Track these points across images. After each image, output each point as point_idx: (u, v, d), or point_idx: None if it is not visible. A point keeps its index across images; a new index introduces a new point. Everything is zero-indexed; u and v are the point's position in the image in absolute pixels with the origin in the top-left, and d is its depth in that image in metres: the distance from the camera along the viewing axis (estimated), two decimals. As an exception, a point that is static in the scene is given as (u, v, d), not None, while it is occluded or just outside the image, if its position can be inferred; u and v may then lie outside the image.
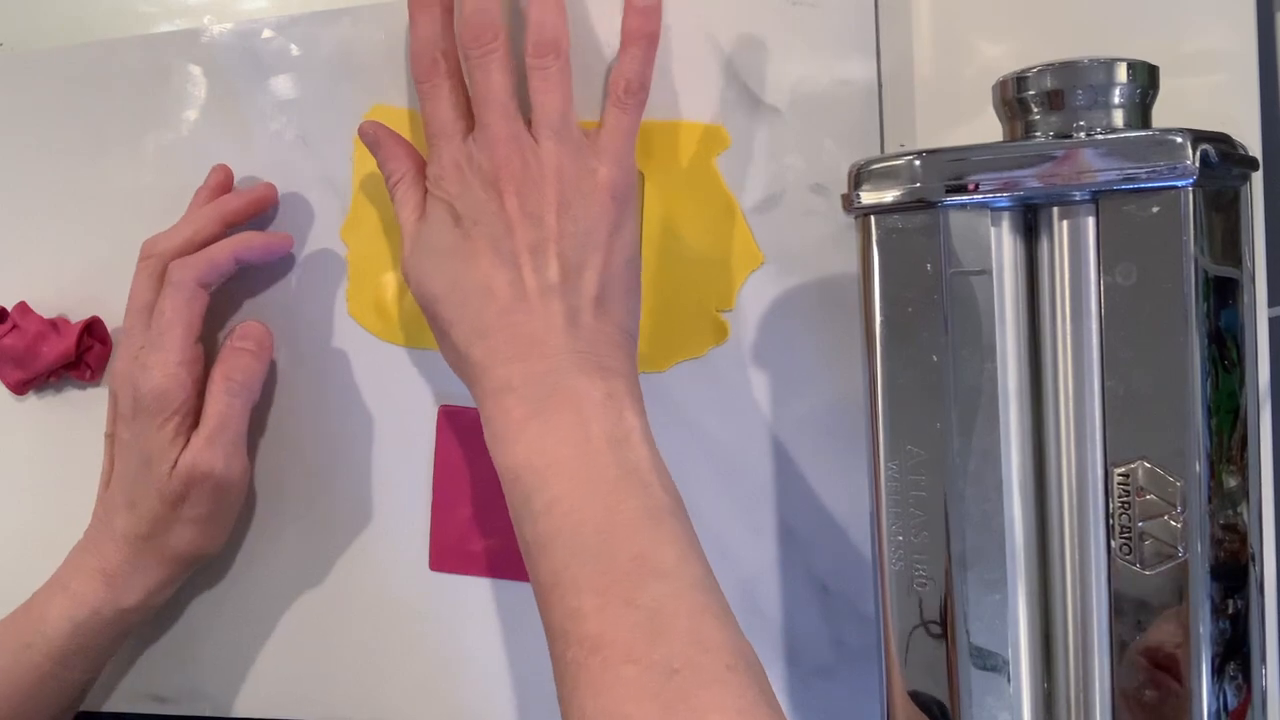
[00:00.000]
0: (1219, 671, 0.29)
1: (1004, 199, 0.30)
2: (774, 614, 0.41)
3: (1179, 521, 0.28)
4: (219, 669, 0.47)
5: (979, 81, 0.35)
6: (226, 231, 0.44)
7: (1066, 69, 0.30)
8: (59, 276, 0.49)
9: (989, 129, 0.34)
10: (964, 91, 0.40)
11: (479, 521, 0.44)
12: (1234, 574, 0.29)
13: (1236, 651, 0.29)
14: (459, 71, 0.39)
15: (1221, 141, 0.28)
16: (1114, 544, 0.29)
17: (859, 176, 0.31)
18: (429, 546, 0.45)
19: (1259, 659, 0.29)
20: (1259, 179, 0.35)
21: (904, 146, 0.41)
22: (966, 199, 0.30)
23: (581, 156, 0.37)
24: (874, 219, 0.31)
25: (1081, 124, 0.30)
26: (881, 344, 0.31)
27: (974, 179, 0.30)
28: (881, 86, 0.40)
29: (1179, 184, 0.28)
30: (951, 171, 0.30)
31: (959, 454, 0.30)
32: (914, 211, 0.31)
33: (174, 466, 0.41)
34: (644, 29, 0.39)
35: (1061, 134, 0.31)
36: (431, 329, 0.39)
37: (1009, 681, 0.31)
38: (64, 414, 0.49)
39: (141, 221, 0.46)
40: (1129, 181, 0.28)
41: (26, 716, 0.41)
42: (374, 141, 0.41)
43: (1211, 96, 0.38)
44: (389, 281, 0.45)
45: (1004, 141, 0.32)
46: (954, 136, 0.40)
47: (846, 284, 0.40)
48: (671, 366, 0.42)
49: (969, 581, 0.30)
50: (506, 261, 0.36)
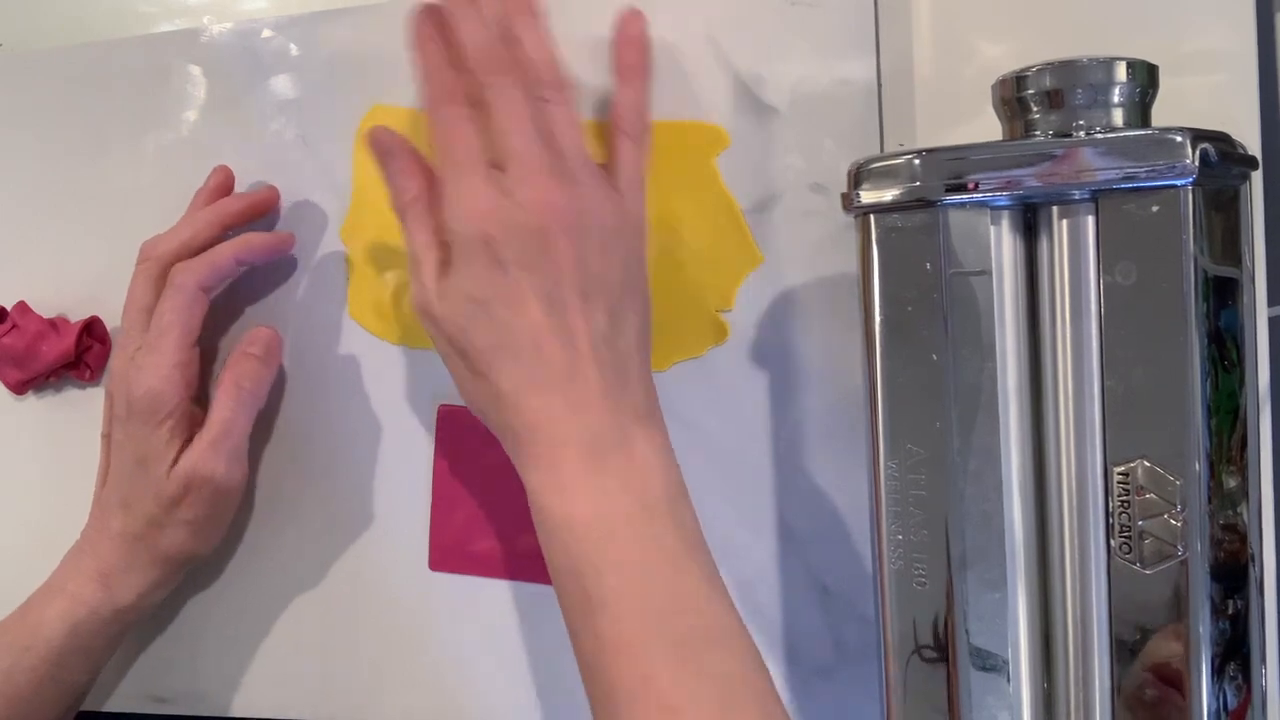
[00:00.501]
0: (1219, 671, 0.28)
1: (1004, 198, 0.30)
2: (774, 614, 0.41)
3: (1179, 520, 0.28)
4: (219, 669, 0.47)
5: (979, 81, 0.35)
6: (226, 234, 0.44)
7: (1066, 68, 0.30)
8: (59, 276, 0.49)
9: (989, 129, 0.34)
10: (964, 91, 0.40)
11: (479, 521, 0.44)
12: (1234, 574, 0.29)
13: (1236, 651, 0.29)
14: (475, 100, 0.37)
15: (1221, 141, 0.28)
16: (1114, 543, 0.29)
17: (859, 176, 0.31)
18: (429, 546, 0.45)
19: (1259, 659, 0.29)
20: (1259, 178, 0.35)
21: (903, 146, 0.41)
22: (966, 198, 0.30)
23: (611, 194, 0.36)
24: (873, 218, 0.31)
25: (1081, 123, 0.30)
26: (881, 344, 0.31)
27: (973, 178, 0.30)
28: (881, 86, 0.40)
29: (1179, 183, 0.28)
30: (951, 170, 0.30)
31: (959, 453, 0.30)
32: (913, 211, 0.31)
33: (172, 468, 0.41)
34: (639, 62, 0.39)
35: (1061, 133, 0.31)
36: (454, 367, 0.37)
37: (1009, 681, 0.31)
38: (63, 414, 0.49)
39: (141, 221, 0.46)
40: (1129, 180, 0.28)
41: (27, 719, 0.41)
42: (386, 151, 0.38)
43: (1211, 96, 0.38)
44: (389, 282, 0.45)
45: (1004, 141, 0.32)
46: (954, 136, 0.40)
47: (846, 284, 0.40)
48: (671, 366, 0.42)
49: (969, 581, 0.30)
50: (556, 309, 0.34)
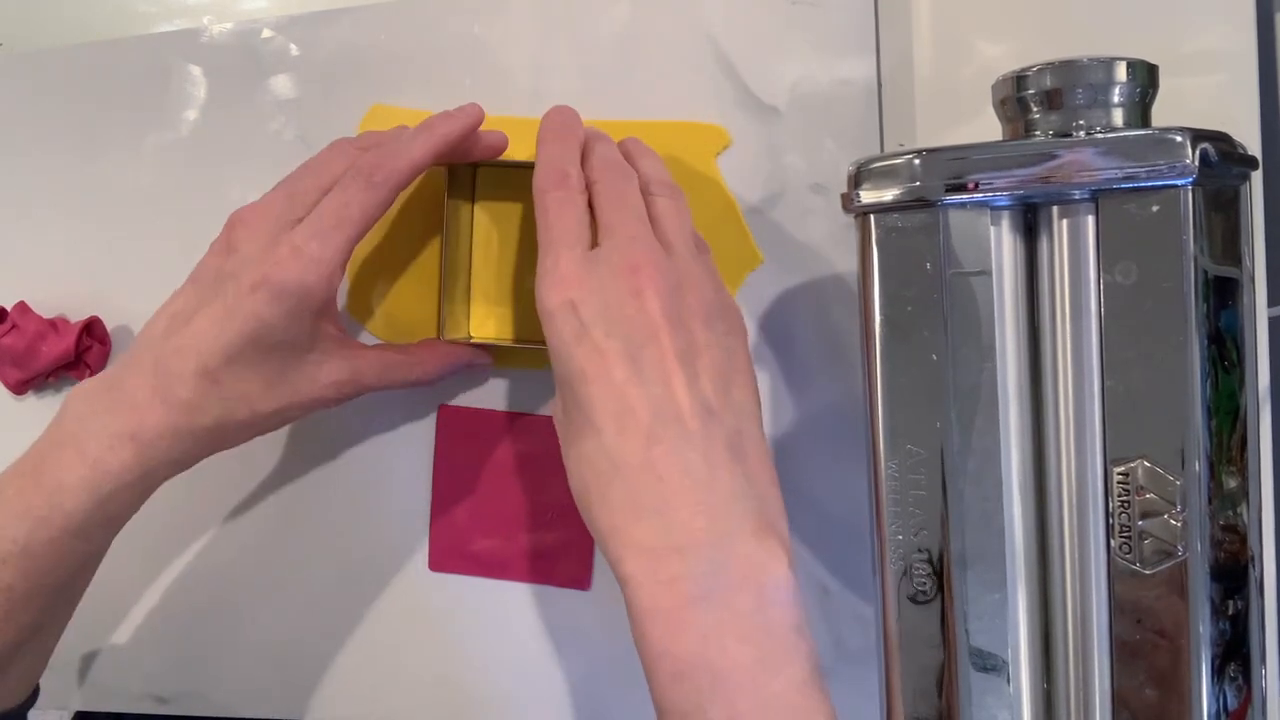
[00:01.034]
0: (1219, 672, 0.28)
1: (1004, 198, 0.30)
2: (774, 614, 0.41)
3: (1179, 520, 0.28)
4: (219, 669, 0.47)
5: (979, 81, 0.35)
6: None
7: (1066, 68, 0.30)
8: (59, 276, 0.49)
9: (989, 128, 0.34)
10: (964, 91, 0.40)
11: (479, 522, 0.44)
12: (1234, 574, 0.29)
13: (1236, 652, 0.29)
14: (586, 191, 0.35)
15: (1221, 140, 0.28)
16: (1114, 543, 0.29)
17: (858, 176, 0.31)
18: (429, 546, 0.45)
19: (1259, 659, 0.29)
20: (1259, 178, 0.35)
21: (904, 146, 0.41)
22: (966, 198, 0.30)
23: (712, 270, 0.34)
24: (873, 218, 0.31)
25: (1081, 123, 0.30)
26: (881, 343, 0.31)
27: (974, 178, 0.30)
28: (881, 86, 0.40)
29: (1179, 183, 0.28)
30: (951, 170, 0.30)
31: (959, 453, 0.30)
32: (914, 210, 0.30)
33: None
34: (639, 148, 0.38)
35: (1061, 133, 0.31)
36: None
37: (1009, 682, 0.31)
38: (64, 414, 0.49)
39: (141, 221, 0.46)
40: (1129, 180, 0.28)
41: (48, 590, 0.36)
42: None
43: (1211, 96, 0.38)
44: (389, 281, 0.45)
45: (1004, 141, 0.32)
46: (954, 136, 0.40)
47: (846, 283, 0.40)
48: (671, 366, 0.42)
49: (969, 581, 0.30)
50: (650, 375, 0.30)
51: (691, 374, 0.31)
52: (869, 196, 0.31)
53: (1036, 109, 0.31)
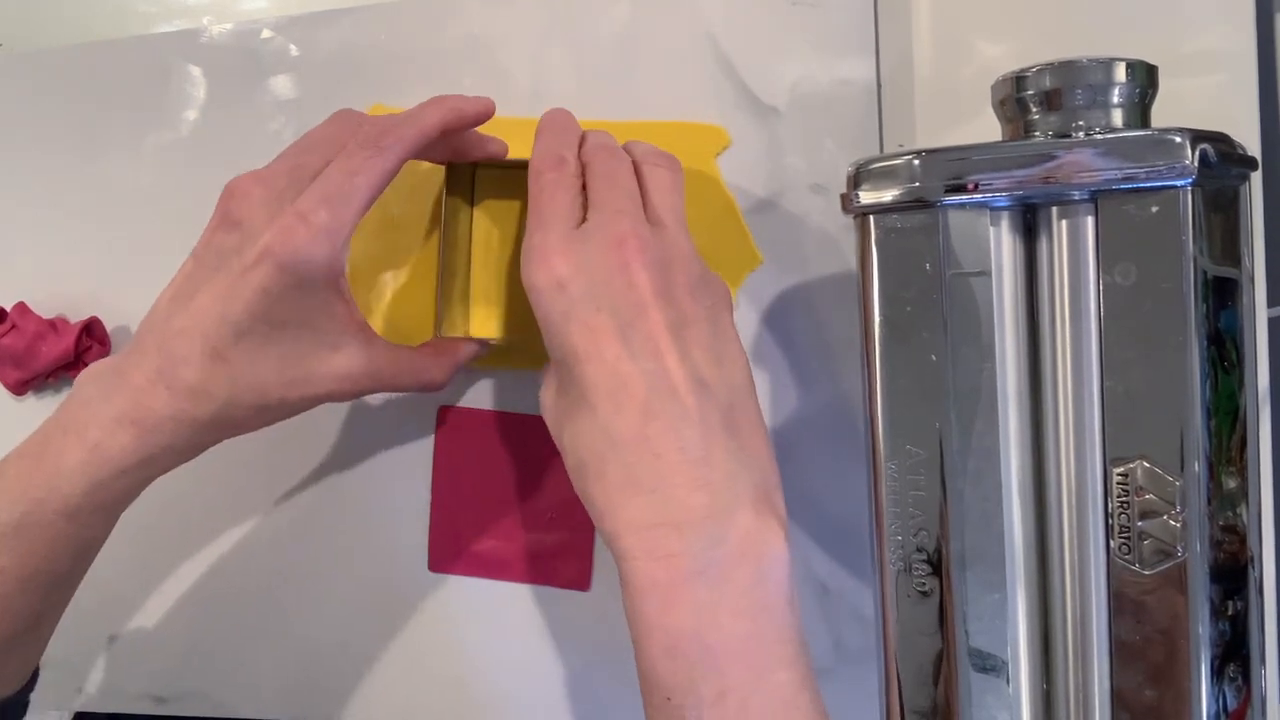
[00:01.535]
0: (1218, 672, 0.28)
1: (1003, 198, 0.30)
2: (773, 614, 0.41)
3: (1178, 521, 0.28)
4: (219, 669, 0.47)
5: (978, 81, 0.35)
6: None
7: (1065, 69, 0.30)
8: (58, 276, 0.49)
9: (988, 129, 0.34)
10: (963, 91, 0.40)
11: (478, 522, 0.44)
12: (1233, 575, 0.29)
13: (1236, 652, 0.29)
14: (581, 175, 0.34)
15: (1221, 141, 0.28)
16: (1113, 544, 0.29)
17: (858, 176, 0.31)
18: (429, 547, 0.45)
19: (1259, 660, 0.29)
20: (1258, 179, 0.35)
21: (903, 146, 0.41)
22: (966, 199, 0.30)
23: (696, 252, 0.34)
24: (873, 219, 0.31)
25: (1080, 124, 0.30)
26: (881, 344, 0.31)
27: (973, 178, 0.30)
28: (881, 86, 0.40)
29: (1178, 184, 0.28)
30: (951, 171, 0.30)
31: (959, 454, 0.30)
32: (913, 211, 0.31)
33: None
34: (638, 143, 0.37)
35: (1061, 134, 0.31)
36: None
37: (1008, 682, 0.31)
38: (64, 414, 0.49)
39: (141, 221, 0.46)
40: (1128, 181, 0.28)
41: (44, 576, 0.35)
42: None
43: (1211, 96, 0.38)
44: (389, 282, 0.45)
45: (1003, 141, 0.32)
46: (953, 136, 0.40)
47: (846, 284, 0.40)
48: (671, 366, 0.42)
49: (969, 581, 0.30)
50: (641, 350, 0.30)
51: (683, 348, 0.30)
52: (869, 197, 0.31)
53: (1036, 109, 0.31)
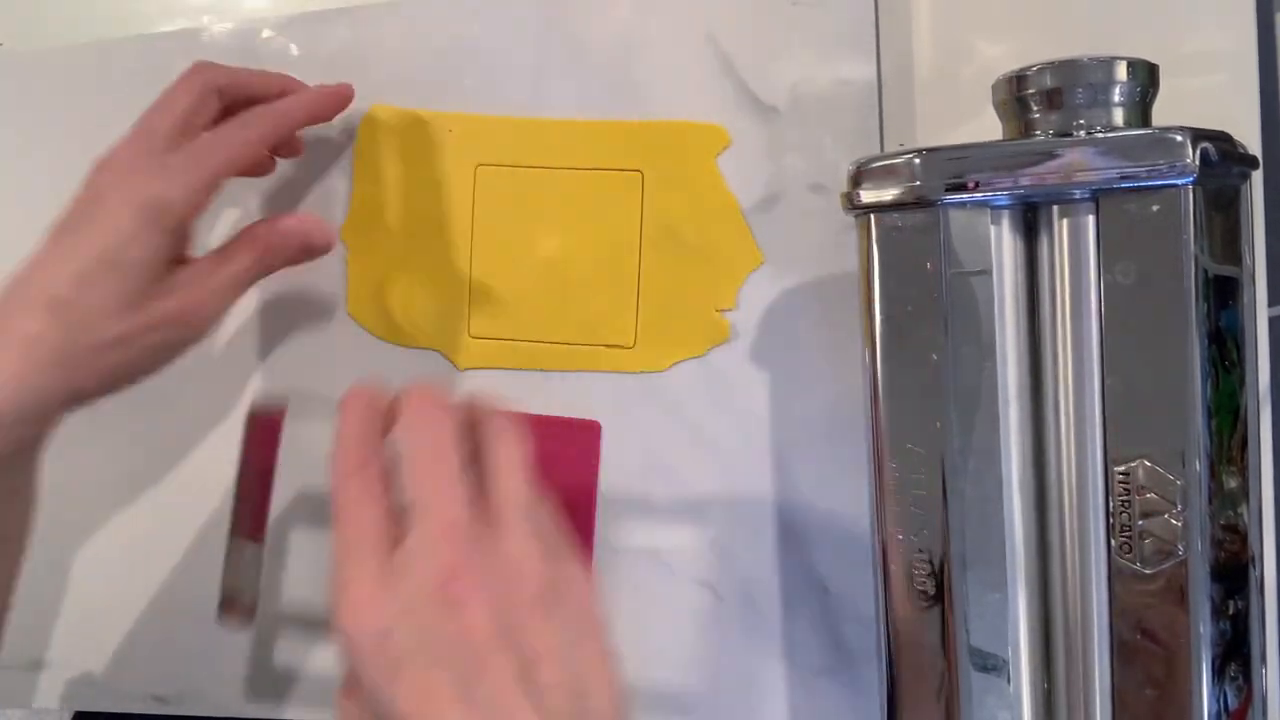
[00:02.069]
0: (1219, 672, 0.28)
1: (1004, 197, 0.30)
2: (774, 614, 0.41)
3: (1179, 520, 0.28)
4: (219, 669, 0.47)
5: (979, 81, 0.35)
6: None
7: (1066, 68, 0.30)
8: (59, 276, 0.49)
9: (989, 128, 0.34)
10: (964, 91, 0.40)
11: (478, 521, 0.44)
12: (1234, 574, 0.29)
13: (1236, 652, 0.29)
14: (389, 474, 0.30)
15: (1221, 140, 0.28)
16: (1114, 543, 0.29)
17: (859, 175, 0.31)
18: (428, 546, 0.45)
19: (1259, 659, 0.29)
20: (1259, 178, 0.35)
21: (903, 146, 0.41)
22: (966, 197, 0.30)
23: (548, 529, 0.29)
24: (874, 218, 0.31)
25: (1081, 123, 0.30)
26: (881, 343, 0.31)
27: (974, 177, 0.30)
28: (881, 86, 0.40)
29: (1179, 182, 0.28)
30: (951, 170, 0.30)
31: (959, 453, 0.30)
32: (914, 210, 0.30)
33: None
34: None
35: (1061, 133, 0.31)
36: None
37: (1009, 681, 0.31)
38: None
39: (141, 221, 0.46)
40: (1129, 180, 0.28)
41: None
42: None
43: (1211, 96, 0.38)
44: (389, 281, 0.45)
45: (1004, 141, 0.32)
46: (954, 136, 0.40)
47: (846, 283, 0.40)
48: (671, 366, 0.42)
49: (969, 581, 0.30)
50: (486, 708, 0.25)
51: (536, 697, 0.25)
52: (869, 196, 0.31)
53: (1036, 109, 0.31)
